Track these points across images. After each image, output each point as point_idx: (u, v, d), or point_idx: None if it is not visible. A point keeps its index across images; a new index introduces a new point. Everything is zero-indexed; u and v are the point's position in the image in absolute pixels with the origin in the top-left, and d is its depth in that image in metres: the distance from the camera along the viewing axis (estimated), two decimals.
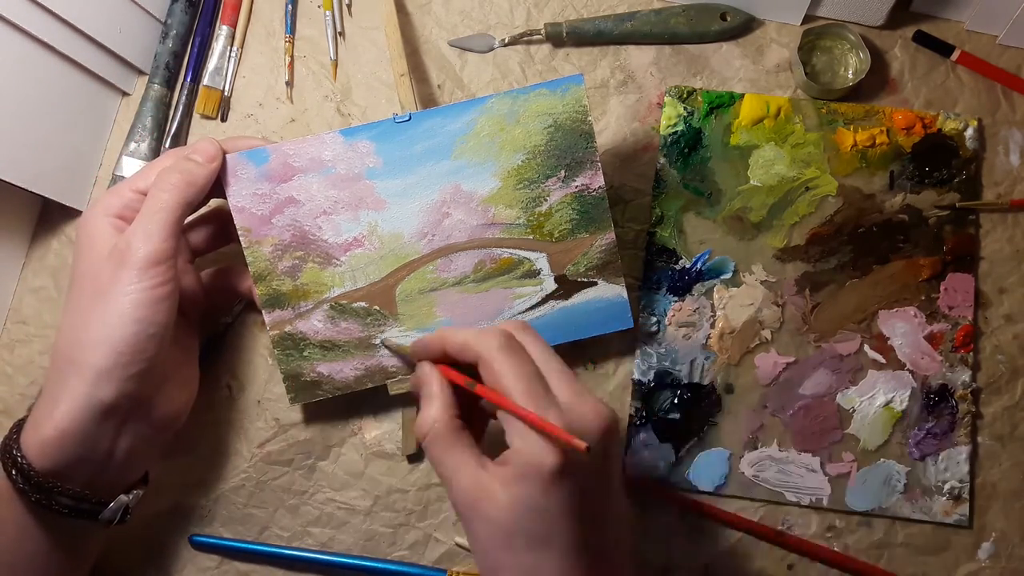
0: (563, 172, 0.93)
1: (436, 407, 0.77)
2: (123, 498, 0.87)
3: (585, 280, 0.96)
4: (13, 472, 0.80)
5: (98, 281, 0.82)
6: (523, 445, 0.71)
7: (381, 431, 1.03)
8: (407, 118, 0.91)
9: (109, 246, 0.83)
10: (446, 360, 0.80)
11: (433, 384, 0.78)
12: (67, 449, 0.80)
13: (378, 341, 0.95)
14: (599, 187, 0.94)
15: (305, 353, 0.95)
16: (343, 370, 0.96)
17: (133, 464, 0.88)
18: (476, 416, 0.83)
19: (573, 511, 0.71)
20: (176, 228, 0.85)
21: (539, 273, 0.95)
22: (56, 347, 0.84)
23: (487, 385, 0.75)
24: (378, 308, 0.94)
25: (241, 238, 0.92)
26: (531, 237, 0.94)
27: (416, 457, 1.02)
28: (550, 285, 0.95)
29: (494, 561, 0.74)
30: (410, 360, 0.92)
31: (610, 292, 0.96)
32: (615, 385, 1.03)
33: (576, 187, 0.93)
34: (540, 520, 0.71)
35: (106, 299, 0.81)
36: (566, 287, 0.96)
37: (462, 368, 0.79)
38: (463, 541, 1.00)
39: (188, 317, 0.97)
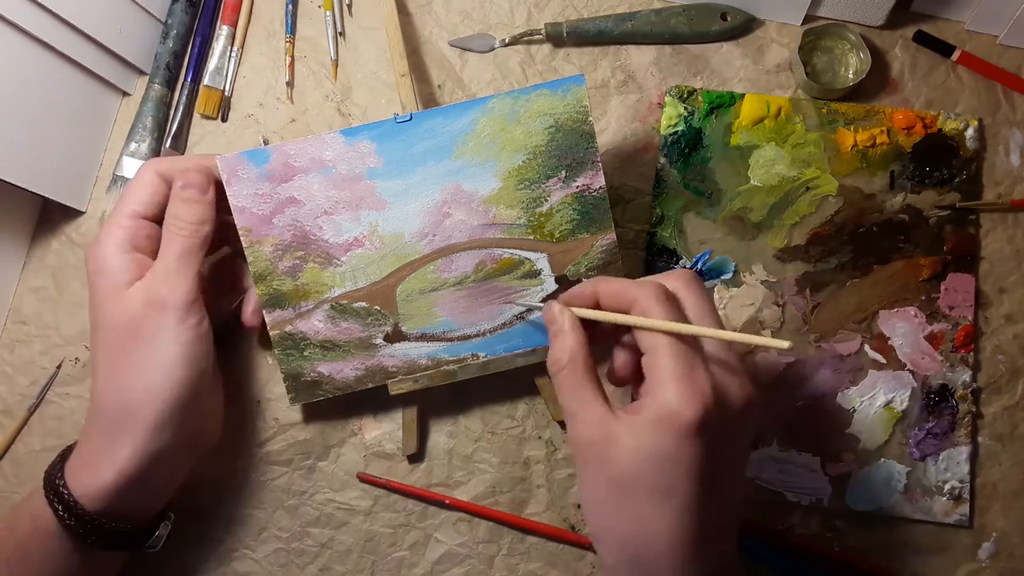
0: (564, 172, 0.93)
1: (572, 339, 0.77)
2: (165, 525, 0.90)
3: (586, 280, 0.96)
4: (67, 516, 0.82)
5: (139, 330, 0.84)
6: (663, 393, 0.70)
7: (381, 431, 1.03)
8: (408, 118, 0.91)
9: (131, 285, 0.85)
10: (594, 307, 0.80)
11: (565, 320, 0.78)
12: (129, 492, 0.83)
13: (515, 303, 0.96)
14: (600, 187, 0.94)
15: (306, 353, 0.95)
16: (343, 370, 0.96)
17: (172, 491, 0.91)
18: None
19: (700, 469, 0.70)
20: (199, 267, 0.87)
21: (540, 273, 0.95)
22: (102, 394, 0.85)
23: (637, 336, 0.75)
24: (379, 308, 0.94)
25: (242, 238, 0.92)
26: (532, 237, 0.94)
27: (417, 457, 1.03)
28: (551, 285, 0.95)
29: (607, 505, 0.74)
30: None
31: None
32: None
33: (577, 187, 0.93)
34: (665, 471, 0.70)
35: (154, 347, 0.83)
36: (567, 287, 0.95)
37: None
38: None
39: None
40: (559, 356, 0.76)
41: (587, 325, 0.79)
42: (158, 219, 0.89)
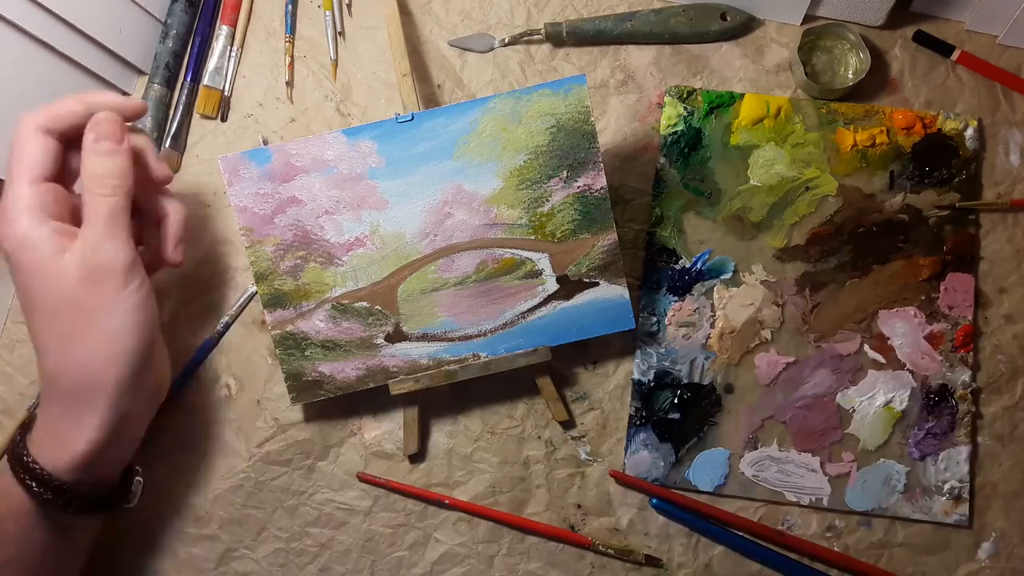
0: (565, 172, 0.93)
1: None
2: (138, 481, 0.90)
3: (587, 280, 0.96)
4: (42, 490, 0.81)
5: (82, 302, 0.81)
6: None
7: (381, 431, 1.03)
8: (409, 118, 0.92)
9: (60, 263, 0.80)
10: None
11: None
12: (99, 458, 0.82)
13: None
14: (601, 187, 0.94)
15: (307, 353, 0.95)
16: (345, 370, 0.96)
17: (136, 444, 0.90)
18: None
19: None
20: (128, 223, 0.83)
21: (541, 273, 0.95)
22: (56, 369, 0.82)
23: None
24: (380, 308, 0.95)
25: (243, 238, 0.92)
26: (533, 237, 0.94)
27: (417, 457, 1.03)
28: (552, 285, 0.96)
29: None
30: None
31: (612, 292, 0.96)
32: (615, 385, 1.03)
33: (578, 187, 0.94)
34: None
35: (101, 317, 0.81)
36: (568, 287, 0.96)
37: None
38: None
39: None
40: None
41: None
42: (58, 178, 0.85)
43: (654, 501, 1.01)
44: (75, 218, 0.84)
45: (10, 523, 0.84)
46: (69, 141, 0.86)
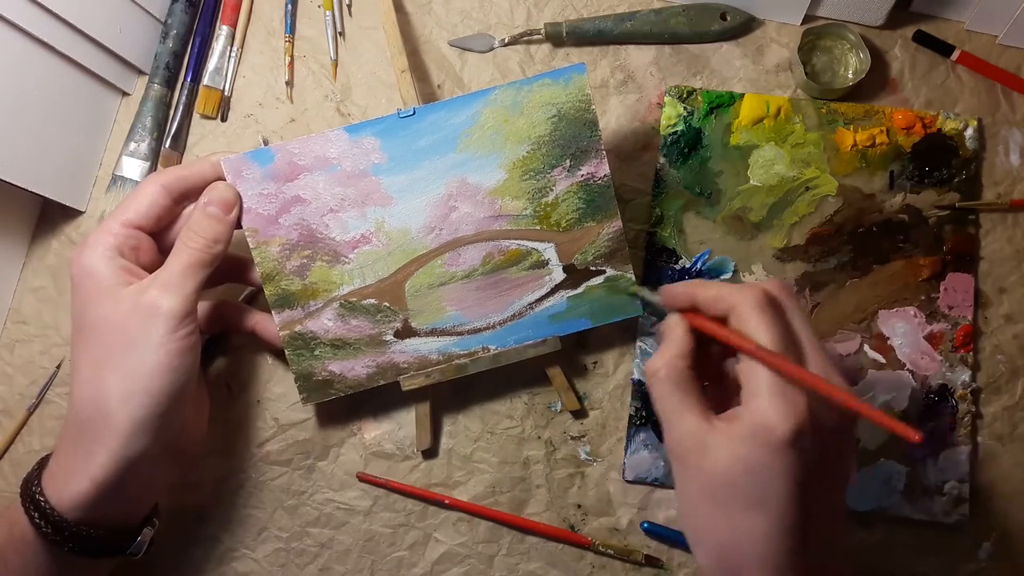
0: (568, 161, 0.93)
1: (672, 349, 0.76)
2: (148, 531, 0.88)
3: (593, 269, 0.96)
4: (43, 524, 0.80)
5: (125, 334, 0.82)
6: (760, 405, 0.70)
7: (381, 431, 1.03)
8: (411, 113, 0.91)
9: (121, 292, 0.83)
10: (693, 310, 0.79)
11: (677, 329, 0.78)
12: (104, 499, 0.81)
13: (630, 292, 0.97)
14: (604, 175, 0.94)
15: (316, 352, 0.95)
16: (355, 368, 0.96)
17: (154, 498, 0.90)
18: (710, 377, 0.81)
19: (793, 483, 0.69)
20: (202, 284, 0.86)
21: (547, 263, 0.95)
22: (80, 396, 0.83)
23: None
24: (388, 304, 0.94)
25: (248, 239, 0.92)
26: (538, 227, 0.94)
27: (431, 453, 1.03)
28: (559, 275, 0.96)
29: (701, 513, 0.74)
30: (661, 309, 0.87)
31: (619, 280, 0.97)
32: (615, 385, 1.03)
33: (582, 176, 0.94)
34: (758, 483, 0.70)
35: (138, 351, 0.82)
36: (575, 276, 0.96)
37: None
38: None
39: None
40: (656, 364, 0.76)
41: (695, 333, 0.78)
42: (151, 231, 0.89)
43: (645, 525, 1.01)
44: (151, 270, 0.88)
45: (11, 552, 0.84)
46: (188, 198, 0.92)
